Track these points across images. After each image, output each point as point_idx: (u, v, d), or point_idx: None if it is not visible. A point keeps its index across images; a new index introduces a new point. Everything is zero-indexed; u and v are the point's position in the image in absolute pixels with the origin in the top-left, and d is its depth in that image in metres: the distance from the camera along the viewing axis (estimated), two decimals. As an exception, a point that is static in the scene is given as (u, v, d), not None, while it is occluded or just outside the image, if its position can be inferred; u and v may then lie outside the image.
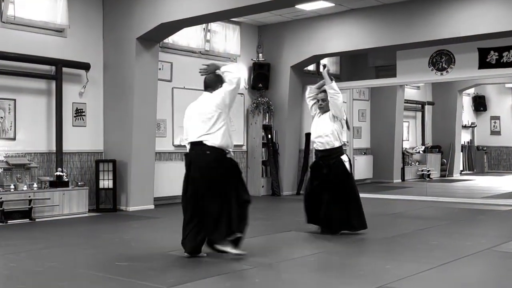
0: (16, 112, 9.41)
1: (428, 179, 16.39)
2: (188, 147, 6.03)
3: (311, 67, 14.42)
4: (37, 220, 8.89)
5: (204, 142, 5.84)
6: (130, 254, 6.23)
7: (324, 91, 7.30)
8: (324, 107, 7.27)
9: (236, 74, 6.05)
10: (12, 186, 8.93)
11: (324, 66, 7.49)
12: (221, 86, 6.01)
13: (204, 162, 5.82)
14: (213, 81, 6.11)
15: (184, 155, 6.11)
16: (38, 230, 8.10)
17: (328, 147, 7.20)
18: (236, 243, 5.87)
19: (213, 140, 5.83)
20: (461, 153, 18.71)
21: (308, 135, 7.38)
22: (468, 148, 19.38)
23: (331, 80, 7.13)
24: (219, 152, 5.84)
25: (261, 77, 12.84)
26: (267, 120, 12.84)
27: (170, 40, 11.31)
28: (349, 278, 5.14)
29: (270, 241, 6.70)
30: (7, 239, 7.22)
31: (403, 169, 16.44)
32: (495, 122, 19.67)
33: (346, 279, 5.10)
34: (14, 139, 9.40)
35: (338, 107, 7.12)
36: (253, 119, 12.79)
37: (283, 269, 5.49)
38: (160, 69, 10.93)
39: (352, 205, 7.21)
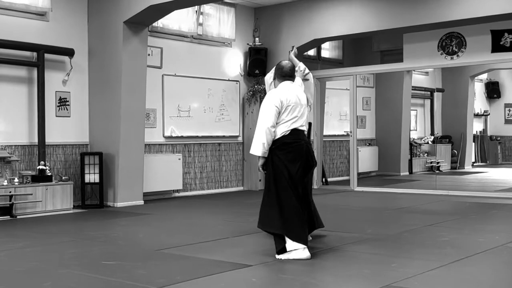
0: (-6, 102, 9.42)
1: (437, 171, 16.40)
2: (282, 132, 5.99)
3: (312, 52, 14.42)
4: (18, 217, 8.89)
5: (305, 131, 6.16)
6: (117, 253, 6.24)
7: None
8: None
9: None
10: (-9, 181, 8.94)
11: (293, 47, 7.23)
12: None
13: (311, 150, 6.18)
14: (294, 70, 6.38)
15: (291, 138, 6.00)
16: (20, 227, 8.10)
17: None
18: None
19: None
20: (473, 143, 18.69)
21: (309, 125, 7.29)
22: (480, 138, 19.36)
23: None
24: None
25: (257, 62, 12.82)
26: (264, 109, 12.82)
27: (159, 23, 11.29)
28: (352, 277, 5.14)
29: (267, 239, 6.70)
30: (-14, 237, 7.23)
31: (410, 161, 16.44)
32: (509, 110, 19.65)
33: (350, 278, 5.11)
34: (-8, 130, 9.41)
35: (313, 89, 7.01)
36: (249, 108, 12.79)
37: (280, 268, 5.49)
38: (149, 55, 10.92)
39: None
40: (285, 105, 5.98)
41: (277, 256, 5.81)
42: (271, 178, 6.02)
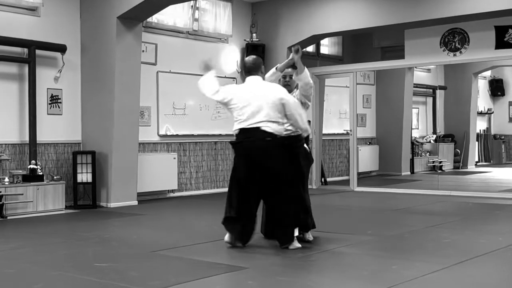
0: (-16, 99, 9.42)
1: (439, 171, 16.42)
2: (235, 131, 6.30)
3: (310, 48, 14.43)
4: (9, 217, 8.89)
5: (263, 128, 6.16)
6: (110, 254, 6.25)
7: (291, 67, 6.94)
8: (291, 84, 6.86)
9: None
10: (-19, 181, 8.94)
11: (297, 50, 6.73)
12: (263, 68, 6.47)
13: (267, 148, 6.17)
14: (257, 64, 6.44)
15: (237, 142, 6.33)
16: (10, 228, 8.11)
17: (294, 134, 6.91)
18: None
19: (274, 127, 6.19)
20: (476, 142, 18.73)
21: (308, 122, 7.20)
22: (484, 137, 19.40)
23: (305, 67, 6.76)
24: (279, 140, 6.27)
25: (255, 59, 12.80)
26: (262, 107, 12.81)
27: (154, 19, 11.29)
28: (351, 279, 5.15)
29: (264, 240, 6.73)
30: (-25, 239, 7.24)
31: (412, 161, 16.45)
32: (514, 108, 19.71)
33: (349, 281, 5.12)
34: (-18, 129, 9.41)
35: (311, 98, 6.87)
36: (247, 106, 12.77)
37: (278, 271, 5.50)
38: (143, 51, 10.91)
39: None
40: (227, 100, 6.37)
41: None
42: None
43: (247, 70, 6.40)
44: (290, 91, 6.78)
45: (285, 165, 6.26)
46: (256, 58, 6.45)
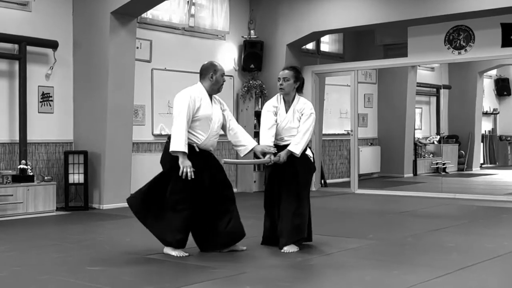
0: (-27, 97, 9.41)
1: (443, 173, 16.44)
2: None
3: (310, 46, 14.42)
4: (-3, 219, 8.90)
5: None
6: (103, 258, 6.24)
7: (288, 68, 6.90)
8: (285, 88, 6.72)
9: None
10: (-31, 181, 8.93)
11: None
12: (211, 74, 6.75)
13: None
14: (202, 70, 6.78)
15: None
16: (0, 230, 8.12)
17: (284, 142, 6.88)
18: None
19: None
20: (481, 143, 18.74)
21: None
22: (489, 138, 19.42)
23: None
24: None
25: (253, 57, 12.82)
26: (259, 106, 12.82)
27: (149, 14, 11.29)
28: (353, 284, 5.15)
29: (262, 245, 6.73)
30: (-37, 241, 7.23)
31: (415, 162, 16.48)
32: (520, 108, 19.73)
33: (350, 286, 5.12)
34: (-29, 127, 9.40)
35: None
36: (244, 105, 12.79)
37: (277, 275, 5.50)
38: (138, 47, 10.91)
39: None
40: None
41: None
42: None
43: None
44: (286, 94, 6.75)
45: (167, 165, 6.46)
46: (205, 64, 6.74)
